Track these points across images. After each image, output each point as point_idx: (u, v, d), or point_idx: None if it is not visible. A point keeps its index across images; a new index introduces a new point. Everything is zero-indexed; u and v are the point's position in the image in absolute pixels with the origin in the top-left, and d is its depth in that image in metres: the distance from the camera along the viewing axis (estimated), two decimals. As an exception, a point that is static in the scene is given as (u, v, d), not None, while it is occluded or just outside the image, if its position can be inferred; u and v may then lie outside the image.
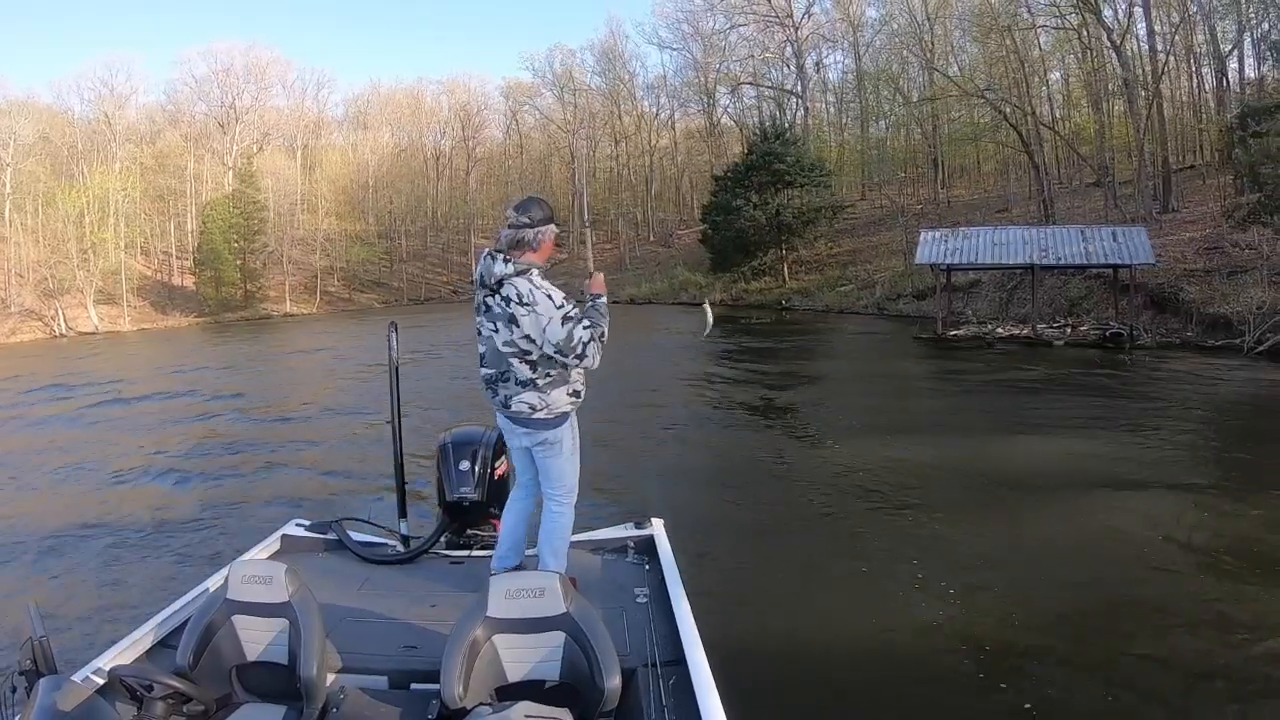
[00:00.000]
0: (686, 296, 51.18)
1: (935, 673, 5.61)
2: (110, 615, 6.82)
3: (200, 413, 18.56)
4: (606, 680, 2.91)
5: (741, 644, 5.58)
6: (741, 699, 3.25)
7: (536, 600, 3.08)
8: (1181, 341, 23.61)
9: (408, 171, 80.00)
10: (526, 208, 3.96)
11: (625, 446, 12.84)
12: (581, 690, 2.99)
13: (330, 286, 68.69)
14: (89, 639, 6.07)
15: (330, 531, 4.92)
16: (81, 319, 52.99)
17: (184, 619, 3.42)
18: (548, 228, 4.00)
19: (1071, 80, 52.53)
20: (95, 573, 8.11)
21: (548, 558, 4.16)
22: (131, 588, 7.62)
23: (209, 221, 60.47)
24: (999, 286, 32.63)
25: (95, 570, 8.18)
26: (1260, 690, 5.27)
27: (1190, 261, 27.53)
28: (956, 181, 57.92)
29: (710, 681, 2.99)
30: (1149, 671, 5.54)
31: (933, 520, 8.85)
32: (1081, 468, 10.87)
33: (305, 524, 5.08)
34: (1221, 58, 43.16)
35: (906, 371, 22.46)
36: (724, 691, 2.94)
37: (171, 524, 9.71)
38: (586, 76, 78.53)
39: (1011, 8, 47.12)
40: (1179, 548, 7.92)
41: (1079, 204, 42.19)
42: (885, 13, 60.44)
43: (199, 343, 40.64)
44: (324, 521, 5.03)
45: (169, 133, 70.02)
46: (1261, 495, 9.39)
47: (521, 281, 3.87)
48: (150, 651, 3.45)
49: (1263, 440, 12.79)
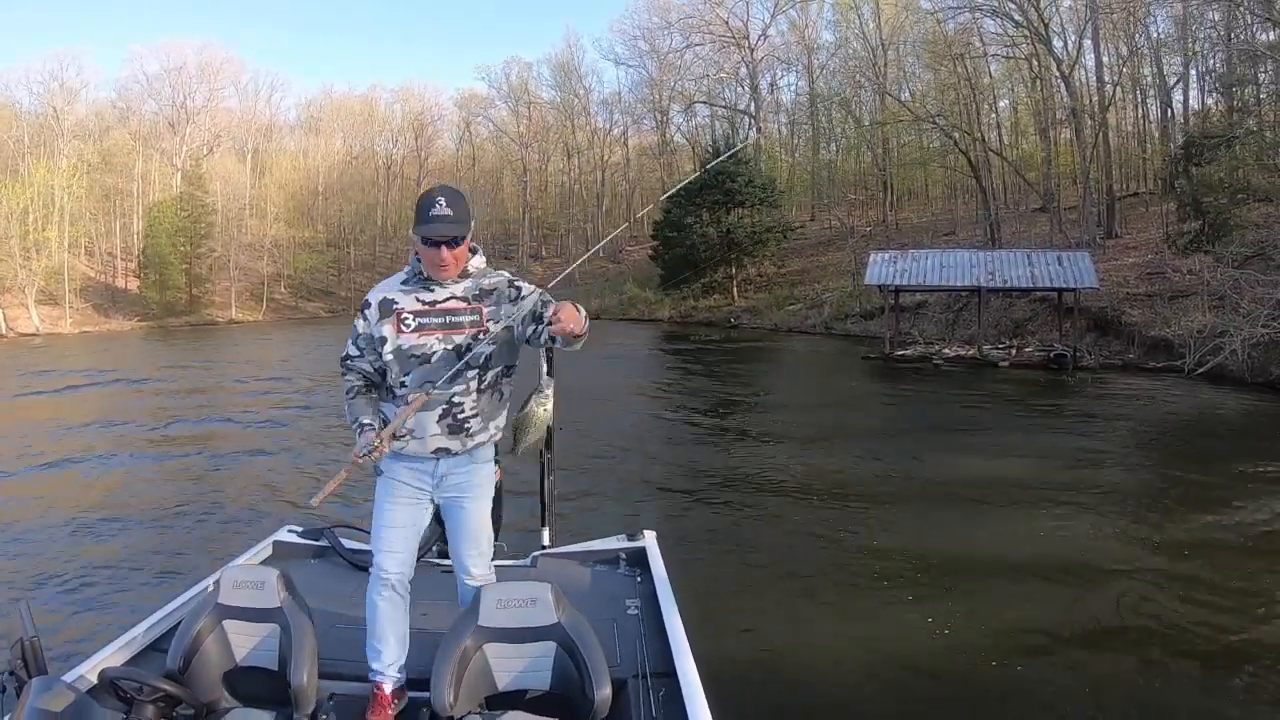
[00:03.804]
0: (635, 312, 51.11)
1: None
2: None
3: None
4: (596, 691, 2.89)
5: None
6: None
7: (528, 610, 3.10)
8: (1124, 363, 23.82)
9: (359, 179, 79.00)
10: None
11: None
12: (571, 700, 3.00)
13: (277, 294, 67.43)
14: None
15: (322, 538, 4.92)
16: (22, 319, 51.03)
17: (175, 623, 3.46)
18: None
19: (1020, 108, 53.46)
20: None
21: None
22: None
23: (155, 224, 58.89)
24: (946, 308, 32.84)
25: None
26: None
27: (1133, 286, 27.87)
28: (905, 204, 58.40)
29: (700, 693, 2.97)
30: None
31: (869, 535, 8.83)
32: (1020, 484, 10.86)
33: (298, 530, 5.07)
34: (1167, 90, 44.16)
35: (853, 391, 22.36)
36: (714, 704, 2.90)
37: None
38: (541, 90, 78.46)
39: (963, 36, 47.88)
40: (1110, 560, 7.93)
41: (1025, 229, 42.71)
42: (840, 37, 61.06)
43: (144, 348, 39.55)
44: (316, 528, 5.02)
45: (118, 131, 68.00)
46: (1189, 511, 9.56)
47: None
48: (140, 655, 3.45)
49: (1200, 459, 12.82)
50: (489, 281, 3.26)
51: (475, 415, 3.21)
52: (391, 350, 3.14)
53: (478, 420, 3.23)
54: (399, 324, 3.14)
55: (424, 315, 3.14)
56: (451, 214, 3.02)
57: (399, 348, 3.13)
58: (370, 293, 3.26)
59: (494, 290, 3.24)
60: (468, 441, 3.22)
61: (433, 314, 3.15)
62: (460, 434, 3.19)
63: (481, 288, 3.23)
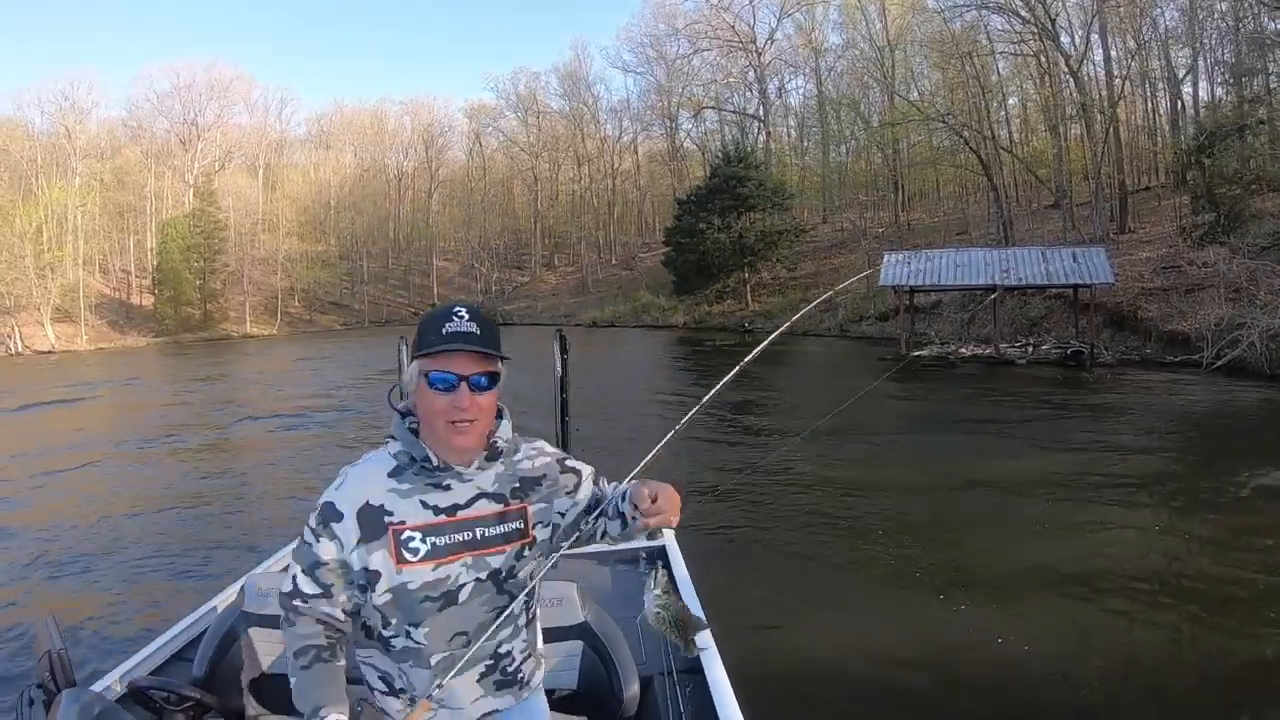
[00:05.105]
0: (649, 319, 51.13)
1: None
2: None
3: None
4: (625, 688, 2.92)
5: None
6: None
7: (554, 609, 3.05)
8: (1141, 359, 23.70)
9: (370, 192, 79.54)
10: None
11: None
12: (600, 698, 3.00)
13: (291, 307, 67.91)
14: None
15: None
16: (38, 337, 51.60)
17: (200, 631, 3.48)
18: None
19: (1029, 105, 53.33)
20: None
21: None
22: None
23: (168, 240, 59.60)
24: (961, 307, 32.72)
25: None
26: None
27: (1148, 280, 27.74)
28: (917, 205, 58.30)
29: (728, 689, 2.95)
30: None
31: (893, 533, 8.79)
32: (1042, 481, 10.78)
33: None
34: (1176, 82, 43.91)
35: (871, 392, 22.34)
36: (742, 699, 2.89)
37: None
38: (550, 99, 78.70)
39: (970, 34, 47.75)
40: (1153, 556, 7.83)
41: (1037, 226, 42.62)
42: (847, 39, 61.27)
43: (161, 363, 39.78)
44: None
45: (129, 149, 68.84)
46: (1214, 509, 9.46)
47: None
48: (167, 664, 3.49)
49: (1224, 454, 12.75)
50: (532, 465, 2.13)
51: (528, 656, 2.21)
52: (389, 591, 1.95)
53: (531, 662, 2.24)
54: (398, 549, 1.93)
55: (439, 532, 1.97)
56: (478, 331, 1.89)
57: (402, 587, 1.95)
58: (335, 488, 1.98)
59: (541, 479, 2.13)
60: (523, 692, 2.21)
61: (453, 528, 1.98)
62: (513, 687, 2.17)
63: (522, 476, 2.10)
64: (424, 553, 1.95)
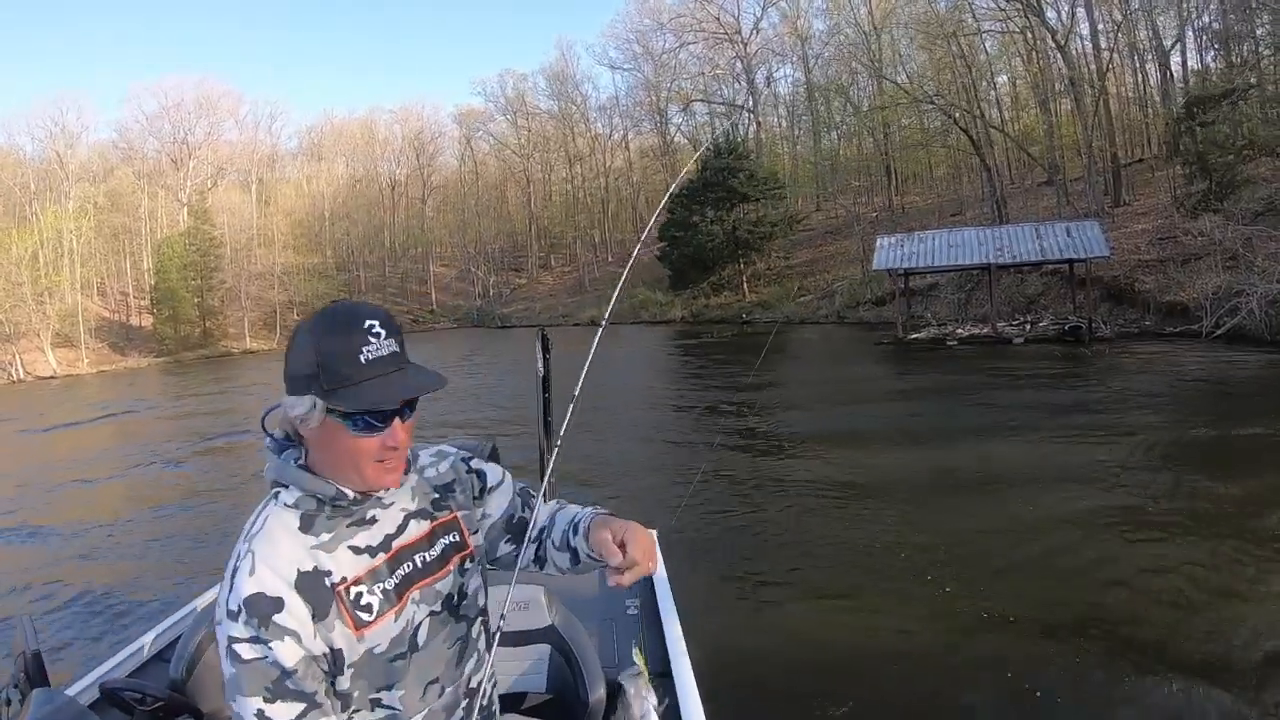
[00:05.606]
0: (647, 315, 51.05)
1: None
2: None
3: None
4: (591, 692, 2.85)
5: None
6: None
7: (522, 613, 3.02)
8: (1140, 331, 23.61)
9: (364, 202, 79.67)
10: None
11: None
12: (568, 702, 2.94)
13: (290, 321, 67.70)
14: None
15: None
16: (39, 363, 51.65)
17: (178, 634, 3.43)
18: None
19: (1018, 82, 53.26)
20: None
21: None
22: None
23: (164, 259, 59.65)
24: (957, 288, 32.63)
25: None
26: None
27: (1144, 252, 27.59)
28: (910, 188, 58.10)
29: (694, 693, 2.92)
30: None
31: (886, 521, 8.60)
32: (1044, 462, 10.64)
33: None
34: (1164, 51, 43.67)
35: (869, 376, 22.23)
36: (710, 703, 2.86)
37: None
38: (538, 100, 78.63)
39: (956, 14, 47.62)
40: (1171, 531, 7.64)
41: (1031, 203, 42.40)
42: (832, 24, 61.01)
43: (162, 383, 39.78)
44: None
45: (121, 170, 69.11)
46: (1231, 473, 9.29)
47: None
48: (144, 666, 3.47)
49: (1228, 418, 12.60)
50: (438, 471, 1.81)
51: (494, 684, 1.84)
52: (356, 661, 1.54)
53: (495, 689, 1.88)
54: (352, 614, 1.52)
55: (383, 575, 1.59)
56: (399, 349, 1.56)
57: (369, 655, 1.55)
58: (249, 573, 1.45)
59: (453, 483, 1.81)
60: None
61: (394, 563, 1.61)
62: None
63: (434, 484, 1.78)
64: (378, 606, 1.56)
